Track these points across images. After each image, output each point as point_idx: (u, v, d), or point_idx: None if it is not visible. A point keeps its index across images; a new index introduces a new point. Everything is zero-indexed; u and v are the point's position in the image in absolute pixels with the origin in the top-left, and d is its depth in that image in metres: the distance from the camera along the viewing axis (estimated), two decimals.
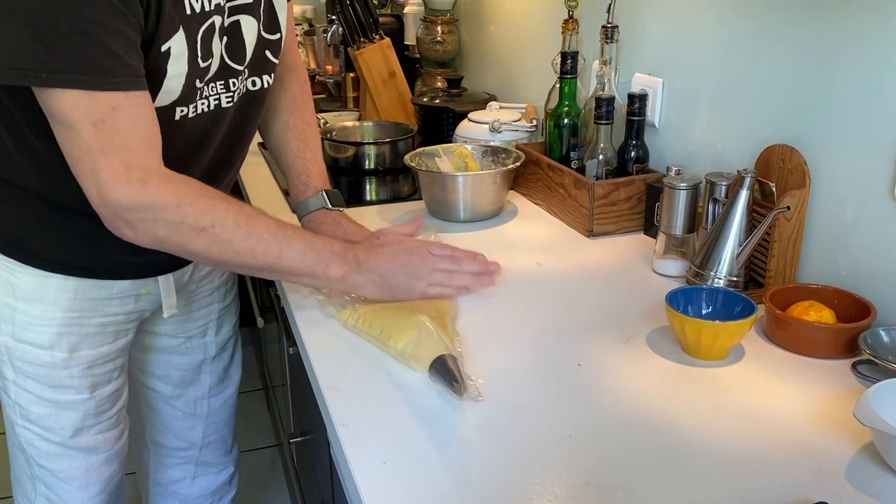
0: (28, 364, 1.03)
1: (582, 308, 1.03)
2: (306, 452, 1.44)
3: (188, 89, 0.91)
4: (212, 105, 0.96)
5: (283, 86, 1.18)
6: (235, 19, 0.95)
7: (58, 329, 1.01)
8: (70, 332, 1.02)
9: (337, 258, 0.95)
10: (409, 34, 2.28)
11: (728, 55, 1.16)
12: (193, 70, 0.90)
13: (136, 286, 1.06)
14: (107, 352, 1.07)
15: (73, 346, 1.03)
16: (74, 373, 1.04)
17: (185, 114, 0.93)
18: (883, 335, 0.88)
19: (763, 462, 0.72)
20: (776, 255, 1.03)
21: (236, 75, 0.98)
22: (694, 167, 1.24)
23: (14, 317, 1.01)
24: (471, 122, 1.58)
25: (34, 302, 1.00)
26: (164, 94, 0.89)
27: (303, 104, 1.20)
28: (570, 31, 1.40)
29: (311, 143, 1.19)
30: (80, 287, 1.01)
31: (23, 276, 0.99)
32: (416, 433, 0.77)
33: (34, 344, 1.02)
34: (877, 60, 0.92)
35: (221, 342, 1.30)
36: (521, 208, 1.43)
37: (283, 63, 1.15)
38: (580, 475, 0.70)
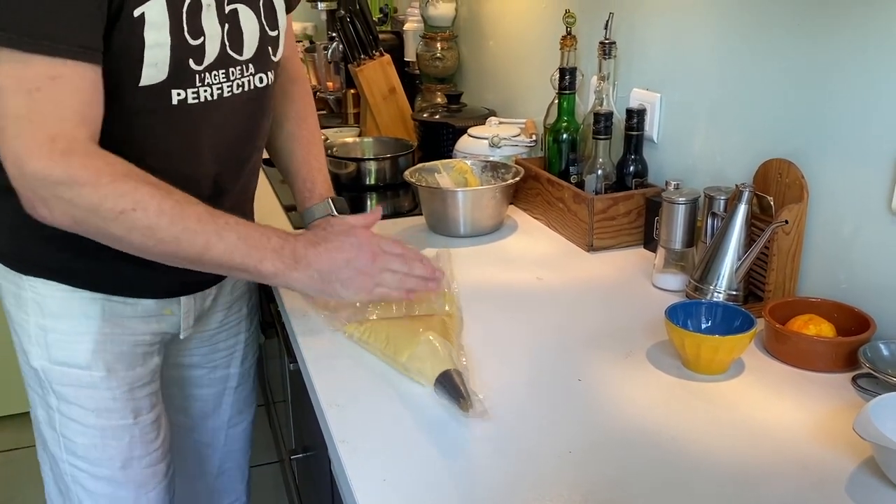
0: (69, 387, 1.00)
1: (582, 323, 1.03)
2: (307, 469, 1.43)
3: (180, 68, 0.88)
4: (214, 94, 0.93)
5: (287, 96, 1.17)
6: (234, 7, 0.93)
7: (93, 345, 0.99)
8: (104, 350, 1.00)
9: (272, 253, 0.89)
10: (409, 51, 2.30)
11: (726, 70, 1.17)
12: (181, 45, 0.87)
13: (159, 306, 1.04)
14: (141, 374, 1.04)
15: (109, 366, 1.00)
16: (117, 394, 1.01)
17: (183, 98, 0.90)
18: (882, 349, 0.88)
19: (764, 476, 0.72)
20: (775, 268, 1.03)
21: (235, 65, 0.95)
22: (692, 181, 1.25)
23: (47, 338, 0.99)
24: (470, 137, 1.59)
25: (64, 317, 0.98)
26: (149, 70, 0.86)
27: (306, 114, 1.19)
28: (569, 47, 1.41)
29: (316, 152, 1.18)
30: (107, 304, 0.99)
31: (49, 292, 0.98)
32: (416, 449, 0.76)
33: (71, 363, 0.99)
34: (873, 75, 0.92)
35: (244, 372, 1.27)
36: (521, 223, 1.43)
37: (287, 73, 1.15)
38: (580, 490, 0.70)
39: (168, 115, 0.89)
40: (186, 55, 0.88)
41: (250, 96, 1.00)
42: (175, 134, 0.91)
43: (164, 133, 0.91)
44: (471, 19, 2.13)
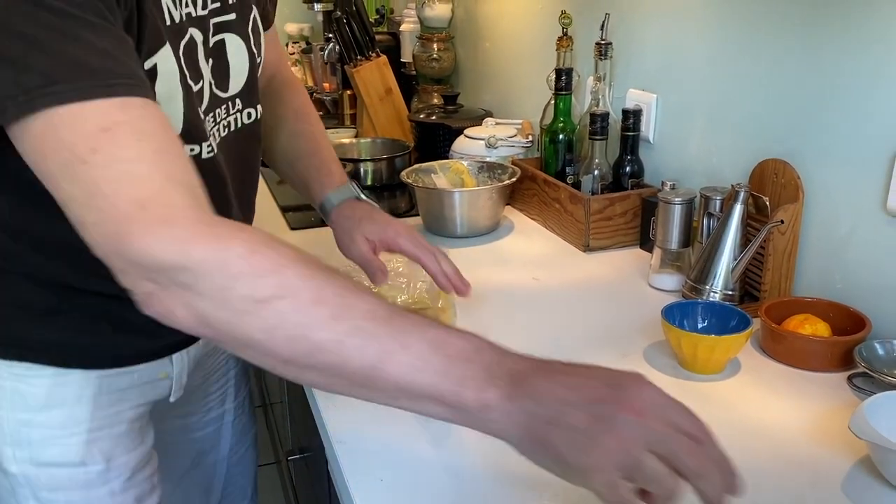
0: (58, 491, 0.83)
1: (578, 323, 1.03)
2: (304, 470, 1.43)
3: (192, 119, 0.75)
4: (218, 139, 0.83)
5: (282, 99, 1.10)
6: (220, 38, 0.81)
7: (87, 436, 0.83)
8: (101, 437, 0.84)
9: (482, 371, 0.56)
10: (406, 51, 2.30)
11: (721, 70, 1.18)
12: (188, 92, 0.75)
13: (154, 370, 0.89)
14: (142, 454, 0.90)
15: (108, 455, 0.85)
16: (115, 487, 0.86)
17: (196, 153, 0.77)
18: (878, 348, 0.88)
19: (760, 476, 0.72)
20: (771, 268, 1.03)
21: (221, 104, 0.83)
22: (688, 182, 1.25)
23: (31, 435, 0.81)
24: (467, 138, 1.59)
25: (54, 409, 0.81)
26: None
27: (307, 111, 1.11)
28: (565, 48, 1.41)
29: (324, 143, 1.07)
30: (105, 380, 0.84)
31: (36, 380, 0.81)
32: (413, 450, 0.77)
33: (62, 463, 0.83)
34: (868, 76, 0.93)
35: (240, 403, 1.15)
36: (518, 223, 1.43)
37: (279, 79, 1.11)
38: (578, 492, 0.70)
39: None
40: (193, 104, 0.76)
41: (245, 135, 0.89)
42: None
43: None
44: (467, 20, 2.13)
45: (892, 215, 0.91)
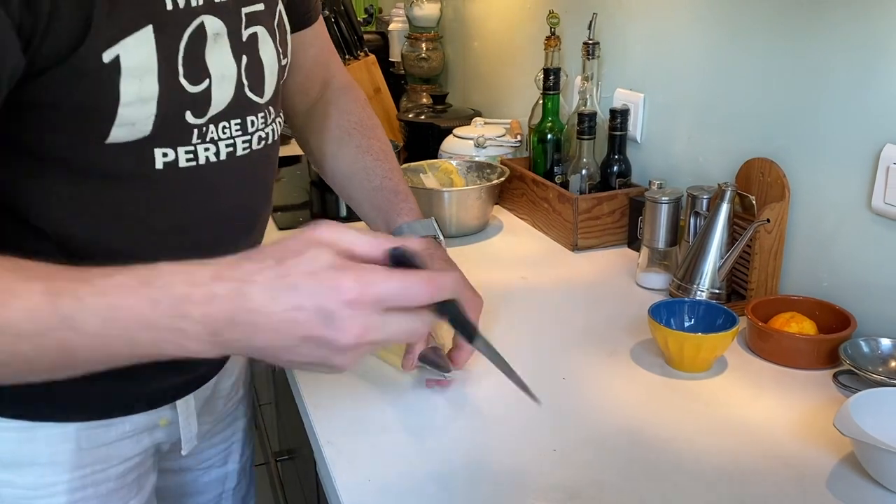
0: None
1: (566, 322, 1.04)
2: (293, 471, 1.43)
3: (171, 122, 0.65)
4: (223, 152, 0.70)
5: (340, 108, 0.96)
6: (253, 31, 0.70)
7: (67, 498, 0.74)
8: (85, 497, 0.75)
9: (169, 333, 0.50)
10: (394, 51, 2.30)
11: (708, 70, 1.18)
12: (174, 95, 0.64)
13: (151, 418, 0.79)
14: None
15: None
16: None
17: (172, 160, 0.66)
18: (863, 346, 0.89)
19: (746, 474, 0.72)
20: (757, 267, 1.04)
21: (255, 111, 0.72)
22: (675, 181, 1.25)
23: (2, 494, 0.73)
24: (456, 137, 1.59)
25: (23, 468, 0.72)
26: (121, 130, 0.62)
27: (372, 124, 0.96)
28: (553, 48, 1.41)
29: (395, 164, 0.94)
30: (83, 434, 0.74)
31: (3, 434, 0.71)
32: (401, 450, 0.76)
33: None
34: (854, 76, 0.93)
35: (242, 467, 1.02)
36: (507, 223, 1.43)
37: (336, 84, 0.98)
38: (564, 489, 0.70)
39: (149, 184, 0.66)
40: (182, 107, 0.66)
41: (268, 151, 0.77)
42: (159, 209, 0.68)
43: (143, 207, 0.67)
44: (456, 20, 2.13)
45: (877, 214, 0.92)
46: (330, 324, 0.49)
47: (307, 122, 0.97)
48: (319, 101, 0.97)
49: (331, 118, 0.95)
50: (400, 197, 0.90)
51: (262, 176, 0.77)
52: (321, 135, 0.95)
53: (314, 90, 0.97)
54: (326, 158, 0.95)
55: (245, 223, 0.78)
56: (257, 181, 0.77)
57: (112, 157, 0.64)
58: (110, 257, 0.58)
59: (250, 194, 0.76)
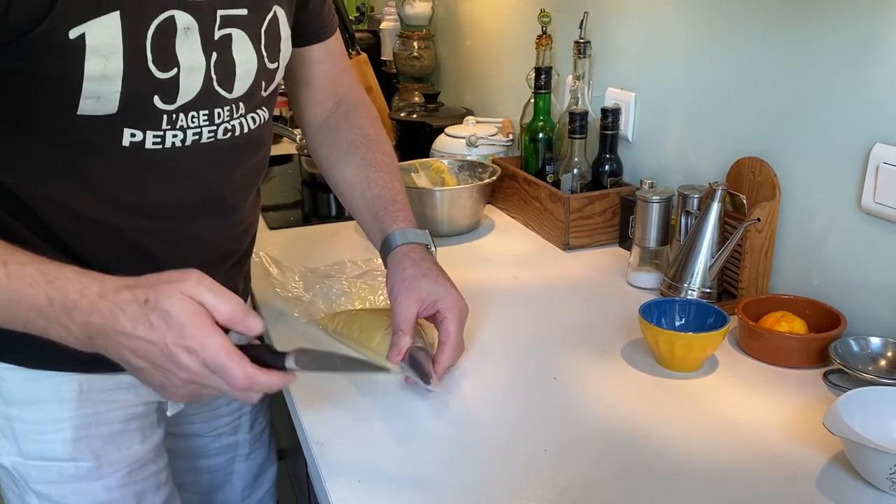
0: (51, 484, 0.82)
1: (557, 321, 1.04)
2: (284, 471, 1.42)
3: (137, 104, 0.71)
4: (189, 139, 0.76)
5: (350, 122, 1.01)
6: (227, 32, 0.76)
7: (72, 432, 0.81)
8: (89, 435, 0.83)
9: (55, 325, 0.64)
10: (386, 49, 2.29)
11: (699, 70, 1.18)
12: (141, 76, 0.69)
13: None
14: (142, 452, 0.87)
15: (97, 452, 0.83)
16: (112, 483, 0.84)
17: (139, 141, 0.73)
18: (853, 345, 0.89)
19: (737, 473, 0.72)
20: (748, 266, 1.04)
21: (222, 105, 0.78)
22: (667, 180, 1.26)
23: (14, 428, 0.81)
24: (448, 136, 1.59)
25: (30, 405, 0.81)
26: (88, 102, 0.69)
27: (379, 139, 1.01)
28: (544, 47, 1.41)
29: (397, 177, 0.98)
30: (84, 380, 0.82)
31: (7, 374, 0.80)
32: (391, 450, 0.76)
33: (48, 457, 0.81)
34: (844, 76, 0.94)
35: (256, 436, 1.09)
36: (498, 222, 1.43)
37: (348, 102, 1.02)
38: (555, 489, 0.70)
39: (116, 160, 0.73)
40: (149, 90, 0.71)
41: (244, 141, 0.83)
42: (124, 183, 0.75)
43: (108, 179, 0.74)
44: (448, 18, 2.13)
45: (867, 213, 0.92)
46: (170, 360, 0.63)
47: (319, 133, 1.03)
48: (333, 115, 1.02)
49: (341, 130, 1.00)
50: (397, 206, 0.93)
51: (227, 165, 0.83)
52: (331, 146, 1.00)
53: (327, 104, 1.03)
54: (333, 168, 1.00)
55: (213, 208, 0.83)
56: (223, 169, 0.82)
57: (82, 128, 0.70)
58: (79, 222, 0.71)
59: (215, 181, 0.82)
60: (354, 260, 1.21)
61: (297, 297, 1.09)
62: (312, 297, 1.08)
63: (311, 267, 1.19)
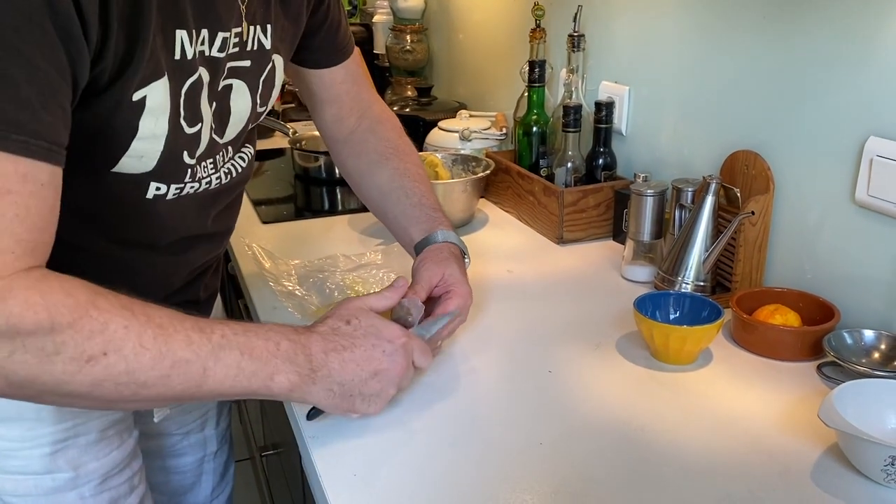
0: (25, 497, 0.82)
1: (552, 315, 1.03)
2: (278, 465, 1.42)
3: (170, 161, 0.73)
4: (202, 187, 0.80)
5: (378, 135, 1.04)
6: (228, 83, 0.78)
7: (50, 448, 0.81)
8: (67, 447, 0.82)
9: (284, 364, 0.69)
10: (379, 43, 2.29)
11: (693, 63, 1.18)
12: (176, 135, 0.72)
13: None
14: (117, 459, 0.87)
15: (75, 463, 0.83)
16: (86, 492, 0.84)
17: (162, 193, 0.75)
18: (846, 337, 0.89)
19: (731, 466, 0.72)
20: (742, 259, 1.04)
21: (218, 150, 0.81)
22: (660, 174, 1.26)
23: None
24: (441, 130, 1.59)
25: (10, 422, 0.79)
26: (131, 160, 0.70)
27: (409, 150, 1.04)
28: (538, 40, 1.41)
29: (430, 186, 1.01)
30: None
31: None
32: (386, 443, 0.76)
33: (27, 472, 0.81)
34: (838, 69, 0.94)
35: (222, 433, 1.11)
36: (492, 216, 1.43)
37: (372, 115, 1.05)
38: (550, 482, 0.70)
39: (136, 210, 0.75)
40: (181, 147, 0.73)
41: (236, 181, 0.87)
42: (136, 226, 0.77)
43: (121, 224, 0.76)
44: (440, 12, 2.12)
45: (861, 206, 0.93)
46: (390, 356, 0.75)
47: (346, 147, 1.06)
48: (358, 129, 1.05)
49: (369, 143, 1.03)
50: (438, 214, 0.99)
51: (224, 201, 0.87)
52: (359, 158, 1.04)
53: (350, 120, 1.05)
54: (364, 178, 1.03)
55: (206, 238, 0.87)
56: (220, 207, 0.86)
57: (110, 184, 0.71)
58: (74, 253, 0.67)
59: (214, 219, 0.86)
60: (347, 254, 1.21)
61: (290, 291, 1.09)
62: (306, 292, 1.08)
63: (305, 261, 1.19)
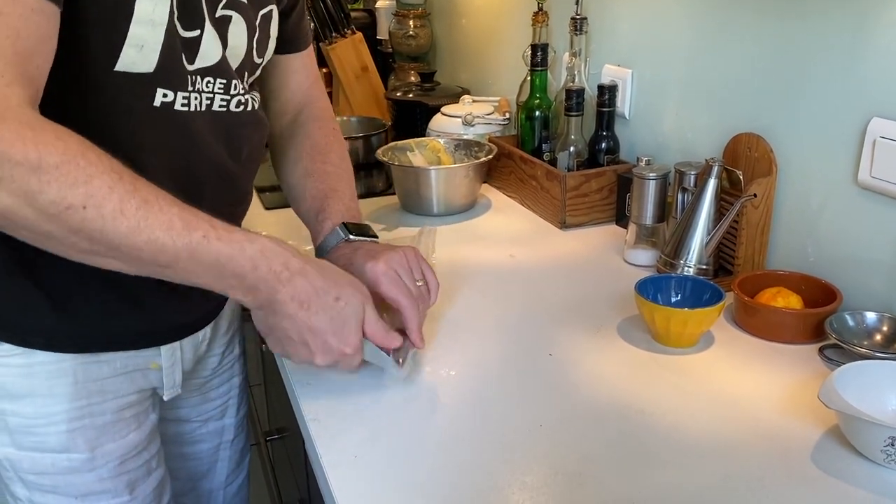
0: (43, 475, 0.83)
1: (554, 298, 1.04)
2: (282, 449, 1.43)
3: (171, 61, 0.72)
4: (203, 104, 0.78)
5: (306, 132, 1.02)
6: (227, 14, 0.78)
7: (66, 426, 0.81)
8: (83, 427, 0.82)
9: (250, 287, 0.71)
10: (382, 28, 2.27)
11: (696, 46, 1.17)
12: (173, 32, 0.71)
13: (141, 359, 0.86)
14: (135, 441, 0.88)
15: (92, 443, 0.83)
16: (104, 473, 0.85)
17: (169, 101, 0.74)
18: (848, 319, 0.89)
19: (731, 448, 0.73)
20: (744, 242, 1.04)
21: (236, 78, 0.81)
22: (663, 157, 1.25)
23: (7, 421, 0.81)
24: (444, 115, 1.58)
25: (24, 399, 0.80)
26: (131, 51, 0.69)
27: (326, 149, 1.01)
28: (540, 24, 1.40)
29: (334, 183, 0.99)
30: (79, 369, 0.81)
31: (3, 369, 0.80)
32: (387, 426, 0.76)
33: (43, 449, 0.82)
34: (841, 51, 0.93)
35: (240, 421, 1.10)
36: (495, 201, 1.43)
37: (308, 113, 1.04)
38: (551, 464, 0.71)
39: (148, 120, 0.73)
40: (178, 47, 0.72)
41: (249, 118, 0.86)
42: (147, 145, 0.75)
43: (133, 140, 0.74)
44: None
45: (864, 188, 0.92)
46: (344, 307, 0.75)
47: (279, 141, 1.05)
48: (292, 123, 1.03)
49: (293, 140, 1.02)
50: (319, 218, 0.97)
51: (236, 136, 0.84)
52: (282, 156, 1.04)
53: (290, 114, 1.04)
54: (281, 176, 1.04)
55: (222, 180, 0.85)
56: (231, 140, 0.84)
57: (117, 87, 0.70)
58: None
59: (224, 151, 0.83)
60: None
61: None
62: None
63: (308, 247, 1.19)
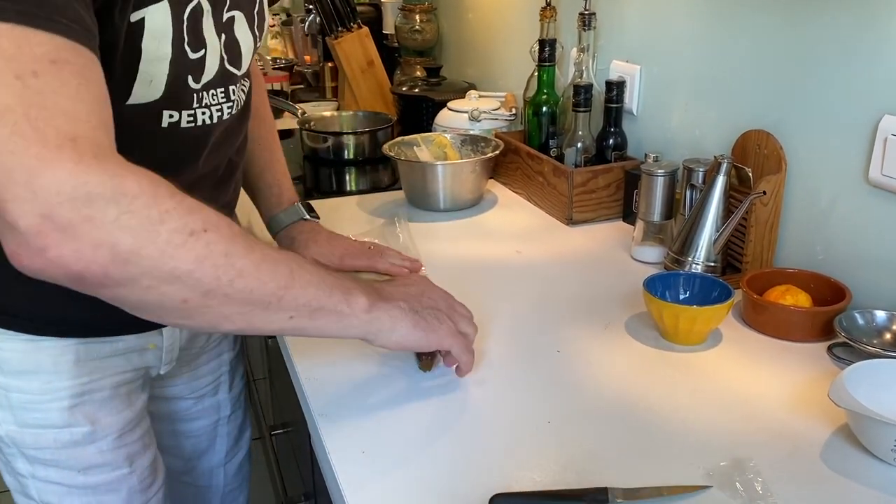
0: (44, 450, 0.85)
1: (561, 295, 1.03)
2: (287, 444, 1.43)
3: (177, 86, 0.75)
4: (214, 116, 0.81)
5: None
6: (231, 14, 0.81)
7: (68, 402, 0.84)
8: (84, 402, 0.86)
9: (356, 285, 0.74)
10: (388, 23, 2.27)
11: (705, 42, 1.17)
12: (181, 59, 0.74)
13: (141, 340, 0.90)
14: (129, 417, 0.91)
15: (91, 418, 0.86)
16: (104, 446, 0.88)
17: (175, 120, 0.77)
18: (858, 318, 0.89)
19: (741, 445, 0.72)
20: (753, 239, 1.03)
21: (234, 82, 0.84)
22: (671, 154, 1.25)
23: (10, 398, 0.83)
24: (450, 111, 1.58)
25: (29, 375, 0.83)
26: (142, 86, 0.72)
27: (264, 112, 1.07)
28: (548, 19, 1.40)
29: (278, 154, 1.07)
30: (81, 348, 0.84)
31: (9, 345, 0.82)
32: (395, 421, 0.76)
33: (45, 425, 0.84)
34: (851, 48, 0.92)
35: (235, 397, 1.14)
36: (501, 197, 1.42)
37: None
38: (559, 460, 0.70)
39: (152, 140, 0.76)
40: (186, 71, 0.76)
41: (244, 112, 0.91)
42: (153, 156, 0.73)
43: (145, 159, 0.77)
44: None
45: (874, 185, 0.92)
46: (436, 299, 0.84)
47: None
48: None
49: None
50: (273, 191, 1.06)
51: (237, 133, 0.90)
52: None
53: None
54: None
55: (227, 174, 0.91)
56: (234, 138, 0.90)
57: (131, 117, 0.72)
58: None
59: (228, 150, 0.89)
60: (356, 235, 1.21)
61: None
62: None
63: None
